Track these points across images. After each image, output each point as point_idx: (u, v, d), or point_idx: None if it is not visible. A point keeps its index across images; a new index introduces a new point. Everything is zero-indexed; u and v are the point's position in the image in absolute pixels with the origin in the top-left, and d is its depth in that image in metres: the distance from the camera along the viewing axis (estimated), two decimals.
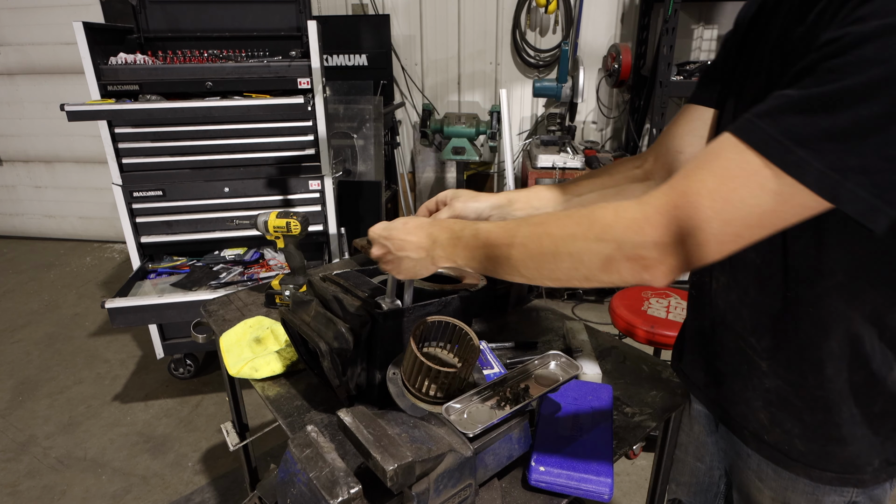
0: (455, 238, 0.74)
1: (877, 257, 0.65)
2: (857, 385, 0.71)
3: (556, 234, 0.63)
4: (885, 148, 0.48)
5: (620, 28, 3.61)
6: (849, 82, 0.48)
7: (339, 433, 0.77)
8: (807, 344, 0.72)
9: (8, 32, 4.03)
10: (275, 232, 1.43)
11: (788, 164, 0.50)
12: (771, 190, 0.51)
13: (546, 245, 0.63)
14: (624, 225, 0.57)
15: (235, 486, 2.07)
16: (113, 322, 2.16)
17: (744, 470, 0.88)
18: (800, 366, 0.73)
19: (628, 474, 2.12)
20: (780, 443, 0.78)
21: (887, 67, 0.46)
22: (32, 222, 4.63)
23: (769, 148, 0.51)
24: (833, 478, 0.76)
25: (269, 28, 2.45)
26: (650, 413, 1.02)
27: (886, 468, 0.75)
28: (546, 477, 0.82)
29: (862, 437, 0.73)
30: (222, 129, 2.32)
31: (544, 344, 1.24)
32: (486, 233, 0.70)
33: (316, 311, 0.98)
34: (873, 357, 0.69)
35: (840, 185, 0.49)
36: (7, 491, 2.07)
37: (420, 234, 0.77)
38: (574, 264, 0.61)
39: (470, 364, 0.86)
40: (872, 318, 0.68)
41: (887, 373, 0.70)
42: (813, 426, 0.75)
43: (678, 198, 0.55)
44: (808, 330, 0.71)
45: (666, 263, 0.56)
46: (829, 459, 0.75)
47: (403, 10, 3.70)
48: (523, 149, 3.80)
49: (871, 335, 0.68)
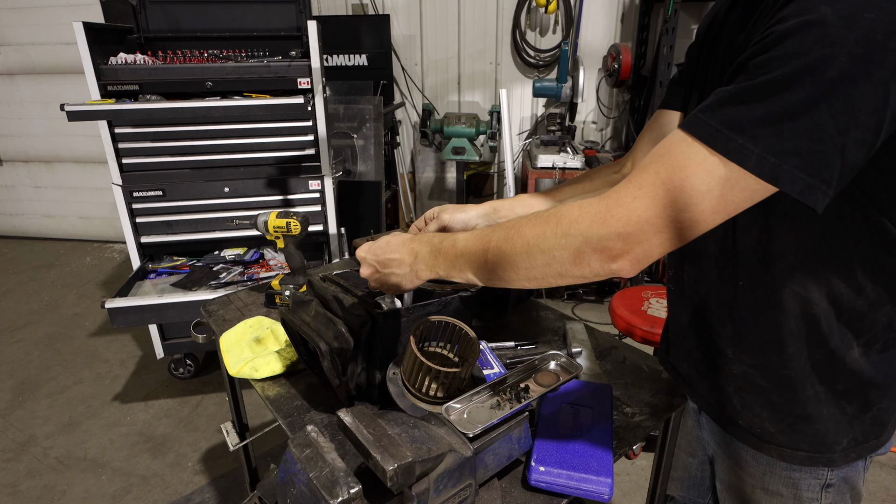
0: (435, 250, 0.78)
1: (825, 240, 0.68)
2: (818, 363, 0.74)
3: (527, 233, 0.66)
4: (814, 131, 0.52)
5: (620, 28, 3.61)
6: (775, 74, 0.53)
7: (339, 433, 0.77)
8: (766, 326, 0.76)
9: (8, 32, 4.03)
10: (275, 232, 1.43)
11: (730, 151, 0.54)
12: (719, 177, 0.55)
13: (519, 245, 0.67)
14: (589, 219, 0.61)
15: (235, 486, 2.07)
16: (113, 322, 2.16)
17: (724, 458, 0.91)
18: (762, 348, 0.77)
19: (628, 474, 2.12)
20: (753, 426, 0.82)
21: (807, 58, 0.51)
22: (32, 222, 4.63)
23: (712, 138, 0.55)
24: (804, 457, 0.79)
25: (269, 28, 2.45)
26: (650, 413, 1.02)
27: (855, 447, 0.78)
28: (546, 477, 0.82)
29: (828, 415, 0.76)
30: (222, 129, 2.32)
31: (544, 344, 1.24)
32: (464, 241, 0.74)
33: (316, 311, 0.99)
34: (831, 336, 0.72)
35: (778, 168, 0.53)
36: (7, 491, 2.07)
37: (402, 250, 0.82)
38: (547, 261, 0.64)
39: (470, 364, 0.86)
40: (829, 298, 0.71)
41: (846, 350, 0.73)
42: (780, 406, 0.78)
43: (635, 190, 0.59)
44: (767, 312, 0.75)
45: (632, 252, 0.59)
46: (798, 438, 0.78)
47: (403, 10, 3.70)
48: (523, 149, 3.80)
49: (827, 315, 0.72)
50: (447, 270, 0.77)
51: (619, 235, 0.59)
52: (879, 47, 0.49)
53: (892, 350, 0.73)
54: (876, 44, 0.49)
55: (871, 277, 0.69)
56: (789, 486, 0.82)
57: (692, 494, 1.11)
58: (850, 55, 0.50)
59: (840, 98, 0.51)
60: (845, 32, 0.50)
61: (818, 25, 0.51)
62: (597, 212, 0.60)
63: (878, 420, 0.77)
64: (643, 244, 0.58)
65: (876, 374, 0.74)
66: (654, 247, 0.59)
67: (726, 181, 0.55)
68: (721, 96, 0.56)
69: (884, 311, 0.71)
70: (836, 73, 0.50)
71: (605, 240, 0.59)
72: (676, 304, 0.93)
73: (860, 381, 0.74)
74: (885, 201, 0.64)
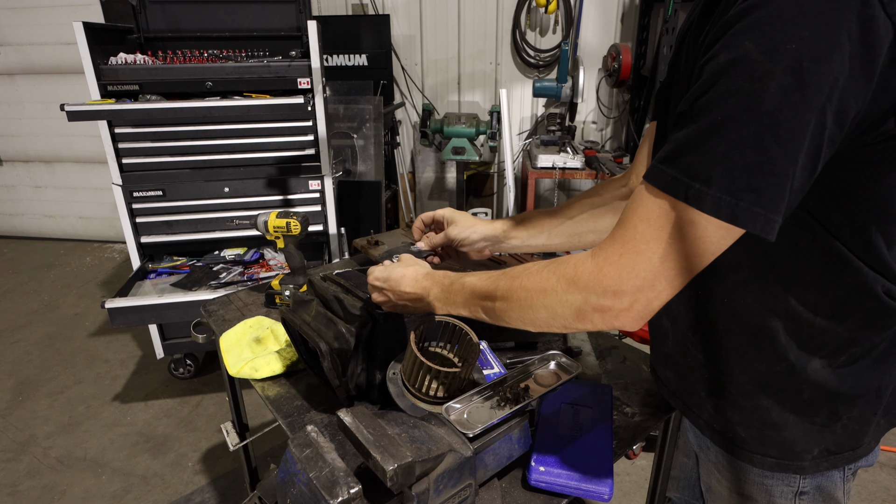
0: (446, 292, 0.81)
1: (775, 258, 0.68)
2: (780, 374, 0.74)
3: (529, 287, 0.68)
4: (763, 166, 0.52)
5: (620, 28, 3.61)
6: (714, 115, 0.53)
7: (339, 433, 0.77)
8: (725, 334, 0.77)
9: (8, 32, 4.03)
10: (275, 232, 1.43)
11: (690, 197, 0.55)
12: (689, 223, 0.56)
13: (523, 298, 0.68)
14: (585, 279, 0.62)
15: (235, 486, 2.07)
16: (113, 322, 2.16)
17: (705, 462, 0.92)
18: (725, 355, 0.78)
19: (628, 474, 2.12)
20: (726, 430, 0.82)
21: (740, 96, 0.52)
22: (32, 222, 4.63)
23: (674, 187, 0.56)
24: (773, 463, 0.79)
25: (269, 28, 2.45)
26: (650, 413, 1.02)
27: (828, 457, 0.77)
28: (546, 477, 0.82)
29: (795, 422, 0.75)
30: (222, 129, 2.32)
31: (544, 344, 1.24)
32: (472, 286, 0.77)
33: (316, 311, 0.99)
34: (790, 349, 0.72)
35: (735, 206, 0.53)
36: (7, 491, 2.07)
37: (416, 286, 0.85)
38: (550, 315, 0.66)
39: (470, 364, 0.87)
40: (786, 314, 0.71)
41: (806, 363, 0.72)
42: (748, 411, 0.78)
43: (619, 247, 0.60)
44: (725, 321, 0.76)
45: (633, 309, 0.60)
46: (767, 444, 0.78)
47: (403, 10, 3.70)
48: (523, 149, 3.80)
49: (785, 329, 0.71)
50: (458, 311, 0.80)
51: (615, 293, 0.60)
52: (809, 73, 0.50)
53: (860, 362, 0.72)
54: (804, 71, 0.50)
55: (825, 295, 0.68)
56: (763, 492, 0.82)
57: (687, 495, 1.11)
58: (780, 86, 0.50)
59: (782, 127, 0.51)
60: (770, 65, 0.50)
61: (743, 62, 0.52)
62: (590, 271, 0.61)
63: (851, 430, 0.76)
64: (640, 300, 0.59)
65: (842, 385, 0.72)
66: (652, 300, 0.60)
67: (694, 227, 0.56)
68: (675, 145, 0.57)
69: (845, 327, 0.70)
70: (770, 104, 0.51)
71: (603, 298, 0.60)
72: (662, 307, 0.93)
73: (825, 391, 0.73)
74: (836, 222, 0.64)
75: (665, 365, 0.94)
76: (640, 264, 0.58)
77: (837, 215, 0.64)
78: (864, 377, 0.73)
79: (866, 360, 0.72)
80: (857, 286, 0.67)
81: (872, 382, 0.73)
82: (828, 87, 0.50)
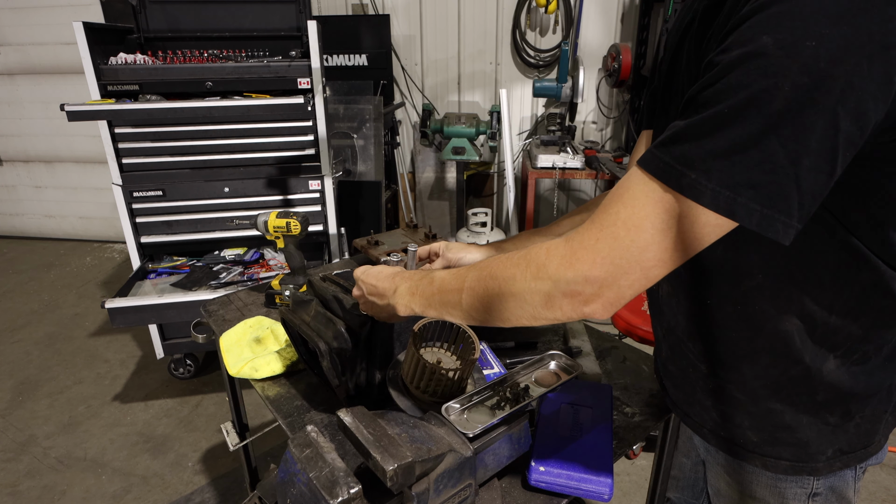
0: (413, 287, 0.79)
1: (793, 260, 0.67)
2: (794, 377, 0.73)
3: (499, 275, 0.66)
4: (764, 162, 0.51)
5: (620, 28, 3.61)
6: (722, 107, 0.52)
7: (339, 433, 0.77)
8: (738, 342, 0.75)
9: (8, 32, 4.03)
10: (275, 232, 1.43)
11: (684, 186, 0.54)
12: (676, 213, 0.55)
13: (491, 287, 0.67)
14: (556, 263, 0.60)
15: (235, 486, 2.07)
16: (113, 322, 2.16)
17: (713, 465, 0.91)
18: (735, 363, 0.77)
19: (628, 474, 2.12)
20: (735, 436, 0.81)
21: (751, 90, 0.51)
22: (32, 222, 4.63)
23: (666, 174, 0.55)
24: (787, 466, 0.78)
25: (269, 28, 2.45)
26: (650, 413, 1.02)
27: (841, 457, 0.77)
28: (546, 477, 0.82)
29: (809, 424, 0.75)
30: (222, 129, 2.32)
31: (544, 344, 1.24)
32: (440, 280, 0.75)
33: (316, 311, 0.99)
34: (805, 351, 0.71)
35: (733, 201, 0.52)
36: (7, 491, 2.07)
37: (387, 282, 0.83)
38: (518, 304, 0.64)
39: (470, 364, 0.86)
40: (801, 315, 0.70)
41: (822, 364, 0.72)
42: (759, 416, 0.77)
43: (597, 231, 0.58)
44: (738, 328, 0.74)
45: (603, 297, 0.59)
46: (780, 447, 0.78)
47: (403, 10, 3.70)
48: (523, 149, 3.80)
49: (800, 331, 0.71)
50: (423, 308, 0.77)
51: (587, 279, 0.58)
52: (824, 75, 0.49)
53: (872, 360, 0.72)
54: (820, 72, 0.49)
55: (841, 293, 0.68)
56: (775, 495, 0.82)
57: (687, 496, 1.11)
58: (794, 84, 0.49)
59: (788, 128, 0.50)
60: (787, 62, 0.49)
61: (759, 56, 0.50)
62: (563, 255, 0.60)
63: (863, 429, 0.76)
64: (612, 287, 0.58)
65: (855, 384, 0.72)
66: (624, 289, 0.58)
67: (684, 218, 0.54)
68: (674, 131, 0.56)
69: (858, 325, 0.69)
70: (781, 103, 0.50)
71: (573, 284, 0.59)
72: (655, 316, 0.93)
73: (839, 391, 0.73)
74: (854, 219, 0.63)
75: (663, 374, 0.94)
76: (616, 250, 0.57)
77: (856, 212, 0.63)
78: (877, 375, 0.73)
79: (878, 358, 0.72)
80: (872, 283, 0.67)
81: (884, 380, 0.74)
82: (840, 89, 0.49)
